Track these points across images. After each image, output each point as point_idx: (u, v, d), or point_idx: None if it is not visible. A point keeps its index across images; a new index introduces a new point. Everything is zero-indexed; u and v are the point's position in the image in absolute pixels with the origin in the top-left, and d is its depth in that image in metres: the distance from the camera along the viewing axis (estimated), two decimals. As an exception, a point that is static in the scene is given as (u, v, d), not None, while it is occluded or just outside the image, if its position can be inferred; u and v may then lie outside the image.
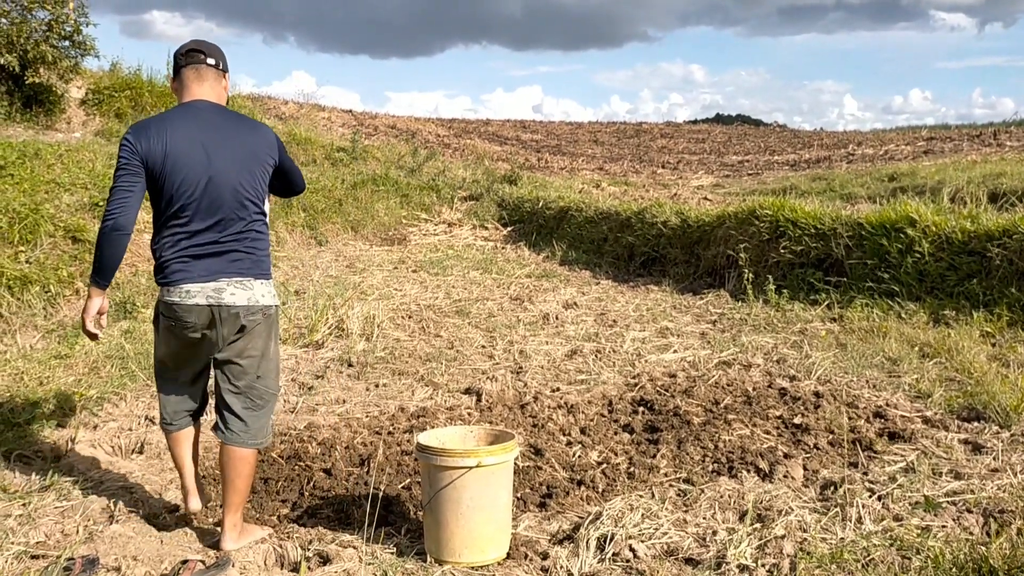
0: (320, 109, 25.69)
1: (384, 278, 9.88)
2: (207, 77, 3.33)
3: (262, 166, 3.33)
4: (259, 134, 3.37)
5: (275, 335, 3.44)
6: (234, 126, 3.31)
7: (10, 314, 6.78)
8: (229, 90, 3.49)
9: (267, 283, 3.37)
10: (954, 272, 7.19)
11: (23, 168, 9.29)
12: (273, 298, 3.39)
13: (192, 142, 3.19)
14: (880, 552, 3.08)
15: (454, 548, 3.18)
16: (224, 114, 3.32)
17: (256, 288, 3.31)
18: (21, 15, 12.90)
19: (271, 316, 3.39)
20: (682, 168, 25.63)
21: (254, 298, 3.29)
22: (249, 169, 3.28)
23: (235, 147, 3.26)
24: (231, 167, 3.23)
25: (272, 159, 3.38)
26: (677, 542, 3.26)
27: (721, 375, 5.72)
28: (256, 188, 3.31)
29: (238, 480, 3.36)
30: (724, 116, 66.06)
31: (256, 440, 3.39)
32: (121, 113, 14.95)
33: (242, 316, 3.27)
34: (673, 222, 10.72)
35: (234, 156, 3.25)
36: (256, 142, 3.33)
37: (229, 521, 3.33)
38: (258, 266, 3.33)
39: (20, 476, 4.04)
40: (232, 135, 3.27)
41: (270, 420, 3.47)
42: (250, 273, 3.30)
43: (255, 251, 3.32)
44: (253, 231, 3.32)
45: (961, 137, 26.10)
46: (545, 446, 4.46)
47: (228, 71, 3.44)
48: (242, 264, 3.28)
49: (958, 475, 3.84)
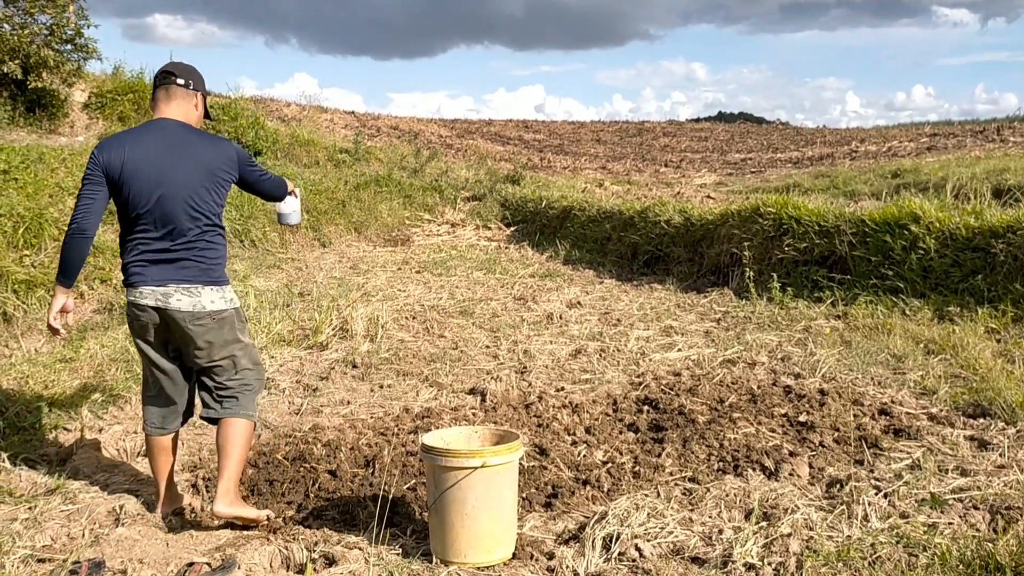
0: (323, 111, 25.71)
1: (388, 279, 9.89)
2: (175, 96, 3.60)
3: (216, 181, 3.55)
4: (217, 150, 3.58)
5: (239, 330, 3.68)
6: (193, 142, 3.53)
7: (15, 317, 6.80)
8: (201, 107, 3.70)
9: (217, 289, 3.57)
10: (958, 268, 7.17)
11: (27, 172, 9.31)
12: (225, 302, 3.59)
13: (148, 157, 3.45)
14: (887, 550, 3.07)
15: (460, 549, 3.18)
16: (185, 131, 3.55)
17: (204, 295, 3.51)
18: (23, 19, 12.92)
19: (225, 319, 3.59)
20: (685, 167, 25.61)
21: (200, 304, 3.50)
22: (202, 183, 3.50)
23: (190, 162, 3.48)
24: (183, 180, 3.46)
25: (230, 174, 3.61)
26: (683, 541, 3.26)
27: (726, 373, 5.71)
28: (207, 201, 3.52)
29: (229, 446, 3.56)
30: (726, 114, 66.04)
31: (247, 411, 3.65)
32: (124, 116, 14.98)
33: (187, 321, 3.49)
34: (676, 221, 10.71)
35: (187, 171, 3.47)
36: (212, 158, 3.54)
37: (222, 487, 3.48)
38: (207, 274, 3.54)
39: (26, 480, 4.05)
40: (189, 151, 3.50)
41: (257, 402, 3.76)
42: (197, 280, 3.51)
43: (204, 259, 3.53)
44: (204, 240, 3.53)
45: (964, 133, 26.05)
46: (550, 446, 4.46)
47: (202, 90, 3.69)
48: (189, 272, 3.50)
49: (964, 472, 3.83)
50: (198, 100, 3.66)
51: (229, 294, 3.63)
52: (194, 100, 3.64)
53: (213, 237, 3.57)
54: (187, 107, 3.62)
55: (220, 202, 3.59)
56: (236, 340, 3.65)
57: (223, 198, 3.61)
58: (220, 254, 3.61)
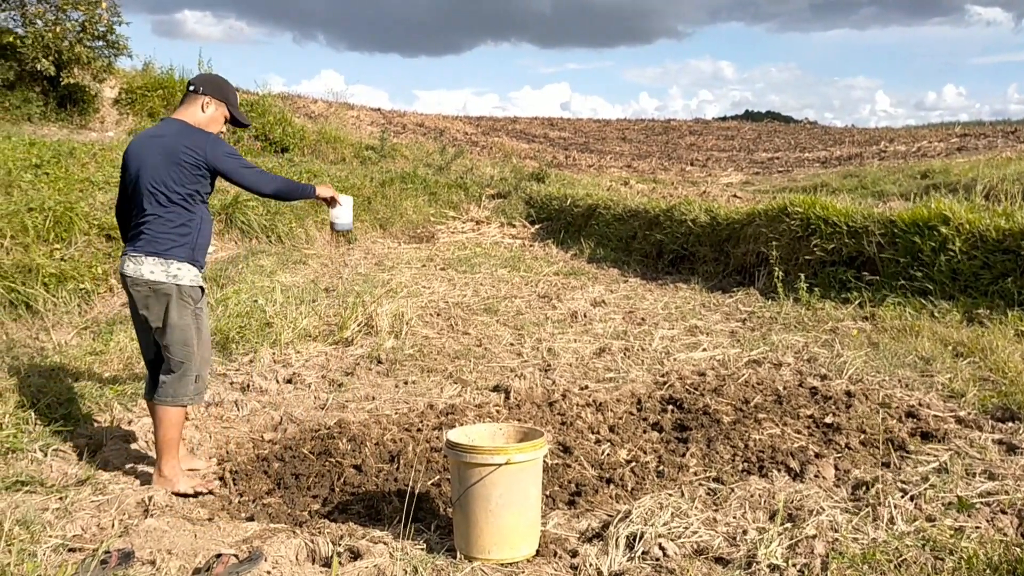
0: (349, 108, 25.83)
1: (413, 276, 9.92)
2: (186, 100, 4.07)
3: (178, 164, 3.84)
4: (186, 137, 3.88)
5: (177, 310, 3.91)
6: (171, 133, 3.92)
7: (46, 311, 6.89)
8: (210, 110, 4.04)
9: (160, 261, 3.86)
10: (988, 270, 7.10)
11: (58, 167, 9.44)
12: (166, 276, 3.87)
13: (137, 147, 3.95)
14: (912, 553, 3.05)
15: (484, 545, 3.19)
16: (176, 125, 3.96)
17: (145, 264, 3.86)
18: (56, 16, 13.09)
19: (160, 291, 3.87)
20: (711, 165, 25.49)
21: (139, 271, 3.86)
22: (162, 165, 3.84)
23: (159, 148, 3.87)
24: (150, 163, 3.85)
25: (194, 158, 3.85)
26: (707, 541, 3.25)
27: (751, 374, 5.69)
28: (164, 181, 3.85)
29: (156, 431, 4.01)
30: (754, 113, 65.60)
31: (163, 398, 3.94)
32: (154, 112, 15.14)
33: (129, 286, 3.91)
34: (702, 220, 10.67)
35: (155, 155, 3.86)
36: (177, 143, 3.85)
37: (156, 465, 4.00)
38: (151, 244, 3.86)
39: (57, 470, 4.11)
40: (164, 140, 3.89)
41: (186, 387, 3.97)
42: (142, 250, 3.87)
43: (152, 232, 3.87)
44: (157, 216, 3.86)
45: (995, 134, 25.74)
46: (574, 444, 4.47)
47: (212, 94, 4.05)
48: (139, 243, 3.89)
49: (992, 476, 3.79)
50: (205, 102, 4.02)
51: (174, 269, 3.88)
52: (200, 100, 4.01)
53: (168, 214, 3.86)
54: (193, 108, 4.02)
55: (181, 183, 3.86)
56: (172, 319, 3.89)
57: (187, 180, 3.87)
58: (171, 229, 3.88)
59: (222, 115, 4.09)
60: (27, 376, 5.38)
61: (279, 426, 4.92)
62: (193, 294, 3.95)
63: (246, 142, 15.95)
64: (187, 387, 3.97)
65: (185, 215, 3.91)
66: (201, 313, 4.02)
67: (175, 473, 3.96)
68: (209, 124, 4.03)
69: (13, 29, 13.12)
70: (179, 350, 3.94)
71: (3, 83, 12.98)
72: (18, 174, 8.69)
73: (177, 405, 3.96)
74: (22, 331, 6.63)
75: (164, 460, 3.95)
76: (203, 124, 4.00)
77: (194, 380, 4.00)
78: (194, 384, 4.00)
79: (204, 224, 4.01)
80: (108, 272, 7.79)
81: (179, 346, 3.94)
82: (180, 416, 4.01)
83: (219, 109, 4.06)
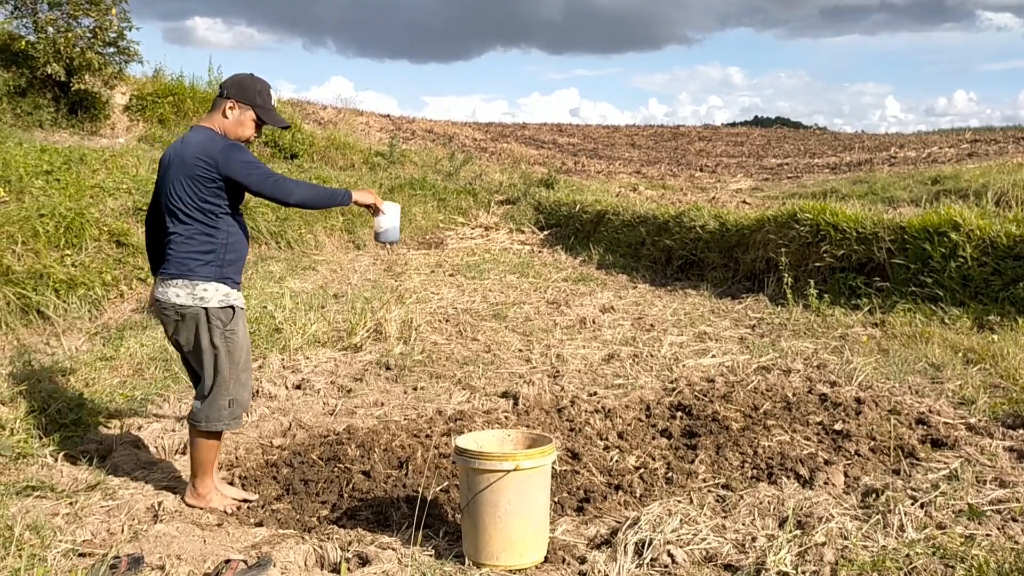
0: (358, 114, 25.88)
1: (421, 281, 9.94)
2: (213, 105, 3.85)
3: (191, 175, 3.62)
4: (200, 148, 3.64)
5: (207, 333, 3.73)
6: (192, 143, 3.68)
7: (56, 316, 6.92)
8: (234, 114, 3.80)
9: (184, 283, 3.68)
10: (999, 277, 7.07)
11: (69, 173, 9.48)
12: (191, 299, 3.68)
13: (165, 158, 3.77)
14: (923, 560, 3.04)
15: (492, 551, 3.19)
16: (199, 134, 3.73)
17: (171, 287, 3.69)
18: (67, 22, 13.17)
19: (188, 315, 3.70)
20: (720, 171, 25.45)
21: (167, 295, 3.70)
22: (178, 178, 3.65)
23: (178, 162, 3.67)
24: (169, 176, 3.68)
25: (206, 168, 3.61)
26: (716, 548, 3.25)
27: (760, 380, 5.67)
28: (180, 196, 3.65)
29: (190, 451, 3.90)
30: (763, 119, 65.52)
31: (196, 421, 3.79)
32: (164, 119, 15.20)
33: (157, 311, 3.79)
34: (711, 226, 10.65)
35: (173, 169, 3.67)
36: (191, 155, 3.63)
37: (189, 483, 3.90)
38: (175, 266, 3.69)
39: (67, 475, 4.12)
40: (183, 151, 3.68)
41: (219, 411, 3.79)
42: (167, 273, 3.71)
43: (175, 252, 3.69)
44: (178, 235, 3.68)
45: (1006, 139, 25.64)
46: (582, 450, 4.46)
47: (237, 96, 3.78)
48: (165, 265, 3.74)
49: (1003, 483, 3.77)
50: (228, 106, 3.76)
51: (200, 291, 3.67)
52: (223, 105, 3.77)
53: (189, 232, 3.67)
54: (216, 113, 3.80)
55: (197, 198, 3.64)
56: (201, 342, 3.73)
57: (203, 194, 3.64)
58: (194, 248, 3.67)
59: (250, 118, 3.80)
60: (38, 382, 5.41)
61: (288, 432, 4.93)
62: (222, 316, 3.72)
63: (255, 148, 16.01)
64: (220, 411, 3.78)
65: (207, 231, 3.68)
66: (233, 335, 3.76)
67: (209, 491, 3.85)
68: (236, 129, 3.78)
69: (25, 36, 13.21)
70: (209, 374, 3.77)
71: (14, 89, 13.06)
72: (29, 180, 8.74)
73: (210, 430, 3.79)
74: (33, 337, 6.66)
75: (198, 479, 3.85)
76: (229, 130, 3.76)
77: (227, 404, 3.79)
78: (227, 409, 3.79)
79: (232, 238, 3.75)
80: (118, 278, 7.82)
81: (209, 370, 3.76)
82: (217, 442, 3.88)
83: (244, 112, 3.78)
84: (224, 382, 3.78)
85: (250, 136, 3.85)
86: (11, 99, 12.99)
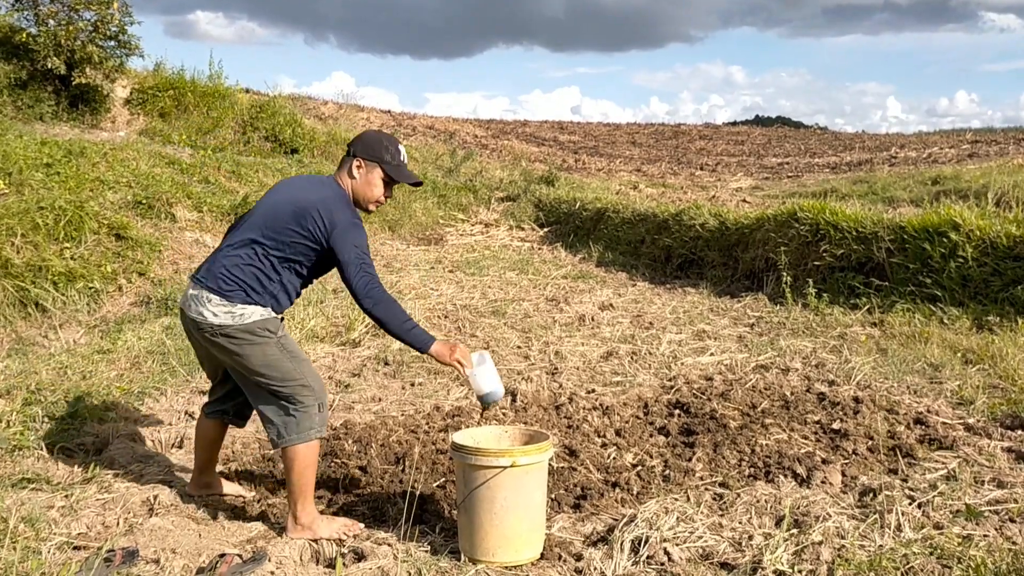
0: (359, 109, 25.87)
1: (421, 278, 9.93)
2: (342, 163, 3.64)
3: (302, 218, 3.39)
4: (328, 200, 3.44)
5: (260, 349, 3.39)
6: (320, 188, 3.52)
7: (55, 309, 6.92)
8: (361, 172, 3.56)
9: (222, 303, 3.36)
10: (998, 277, 7.06)
11: (69, 166, 9.47)
12: (231, 318, 3.35)
13: (287, 185, 3.64)
14: (920, 560, 3.03)
15: (488, 548, 3.18)
16: (330, 188, 3.54)
17: (209, 305, 3.37)
18: (68, 16, 13.16)
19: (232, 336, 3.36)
20: (720, 170, 25.44)
21: (202, 314, 3.38)
22: (287, 211, 3.41)
23: (291, 196, 3.49)
24: (277, 201, 3.48)
25: (316, 227, 3.38)
26: (712, 546, 3.24)
27: (758, 379, 5.66)
28: (276, 228, 3.40)
29: (287, 475, 3.48)
30: (764, 118, 65.52)
31: (289, 440, 3.42)
32: (165, 113, 15.20)
33: (190, 329, 3.49)
34: (711, 224, 10.64)
35: (284, 200, 3.47)
36: (317, 198, 3.44)
37: (289, 512, 3.49)
38: (219, 280, 3.38)
39: (63, 468, 4.11)
40: (302, 189, 3.53)
41: (311, 419, 3.45)
42: (205, 286, 3.40)
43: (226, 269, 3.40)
44: (240, 257, 3.41)
45: (1007, 140, 25.64)
46: (580, 447, 4.45)
47: (362, 155, 3.55)
48: (206, 274, 3.45)
49: (1001, 483, 3.76)
50: (356, 164, 3.54)
51: (239, 309, 3.36)
52: (351, 164, 3.55)
53: (255, 262, 3.41)
54: (343, 171, 3.58)
55: (291, 240, 3.40)
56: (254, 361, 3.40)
57: (298, 242, 3.41)
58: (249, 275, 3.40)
59: (378, 176, 3.55)
60: (35, 374, 5.40)
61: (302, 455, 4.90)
62: (270, 326, 3.41)
63: (255, 143, 15.99)
64: (312, 419, 3.44)
65: (270, 274, 3.43)
66: (286, 340, 3.47)
67: (313, 519, 3.45)
68: (364, 189, 3.55)
69: (26, 28, 13.20)
70: (283, 388, 3.41)
71: (15, 82, 13.05)
72: (29, 173, 8.73)
73: (307, 441, 3.43)
74: (31, 329, 6.65)
75: (300, 506, 3.43)
76: (358, 190, 3.55)
77: (317, 410, 3.46)
78: (319, 414, 3.47)
79: (286, 291, 3.52)
80: (117, 271, 7.81)
81: (278, 383, 3.41)
82: (314, 454, 3.48)
83: (372, 171, 3.54)
84: (302, 390, 3.44)
85: (379, 196, 3.61)
86: (12, 92, 12.99)
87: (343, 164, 3.60)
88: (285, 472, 3.49)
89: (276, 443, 3.46)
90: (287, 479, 3.47)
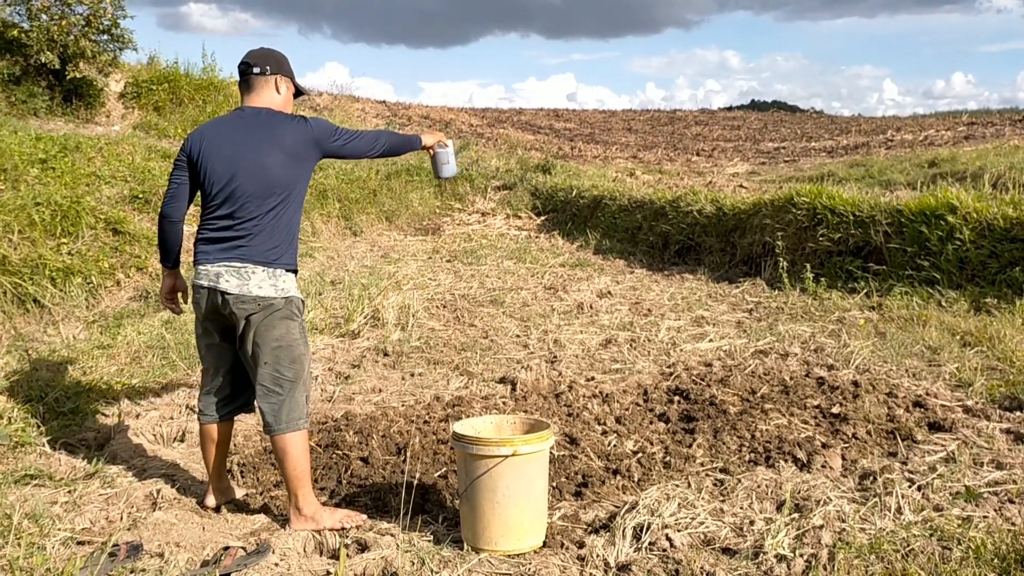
0: (354, 100, 25.78)
1: (418, 268, 9.93)
2: (254, 85, 3.59)
3: (295, 158, 3.49)
4: (294, 130, 3.50)
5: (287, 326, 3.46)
6: (270, 124, 3.50)
7: (53, 305, 6.91)
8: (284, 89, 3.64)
9: (268, 272, 3.42)
10: (996, 259, 7.07)
11: (64, 161, 9.45)
12: (275, 290, 3.41)
13: (224, 140, 3.48)
14: (920, 542, 3.05)
15: (491, 536, 3.19)
16: (264, 114, 3.53)
17: (253, 277, 3.40)
18: (60, 10, 13.11)
19: (271, 309, 3.41)
20: (717, 156, 25.41)
21: (246, 288, 3.38)
22: (276, 163, 3.44)
23: (264, 143, 3.45)
24: (256, 161, 3.43)
25: (309, 152, 3.53)
26: (714, 532, 3.25)
27: (758, 364, 5.68)
28: (284, 182, 3.46)
29: (281, 465, 3.51)
30: (760, 103, 65.37)
31: (281, 428, 3.46)
32: (160, 106, 15.14)
33: (231, 304, 3.39)
34: (708, 210, 10.64)
35: (261, 151, 3.44)
36: (289, 138, 3.48)
37: (291, 504, 3.49)
38: (258, 253, 3.42)
39: (65, 464, 4.13)
40: (264, 133, 3.47)
41: (301, 407, 3.50)
42: (248, 259, 3.41)
43: (255, 240, 3.42)
44: (265, 220, 3.43)
45: (1003, 122, 25.60)
46: (580, 435, 4.47)
47: (280, 72, 3.61)
48: (239, 250, 3.42)
49: (1000, 465, 3.78)
50: (278, 82, 3.60)
51: (282, 282, 3.45)
52: (272, 84, 3.59)
53: (283, 215, 3.47)
54: (267, 92, 3.58)
55: (299, 179, 3.52)
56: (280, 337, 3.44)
57: (304, 175, 3.55)
58: (280, 234, 3.47)
59: (291, 93, 3.68)
60: (35, 370, 5.40)
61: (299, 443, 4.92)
62: (301, 306, 3.56)
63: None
64: (301, 408, 3.50)
65: (296, 216, 3.54)
66: (304, 325, 3.59)
67: (316, 509, 3.47)
68: (286, 106, 3.64)
69: (18, 23, 13.14)
70: (288, 369, 3.47)
71: (9, 78, 13.01)
72: (24, 168, 8.71)
73: (298, 429, 3.48)
74: (30, 325, 6.66)
75: (300, 496, 3.46)
76: (281, 106, 3.61)
77: (305, 400, 3.54)
78: (305, 405, 3.54)
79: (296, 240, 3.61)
80: (115, 266, 7.80)
81: (287, 364, 3.46)
82: (306, 443, 3.54)
83: (289, 88, 3.66)
84: (301, 376, 3.52)
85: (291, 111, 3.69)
86: (5, 87, 12.95)
87: (260, 86, 3.57)
88: (280, 465, 3.51)
89: (272, 429, 3.48)
90: (284, 471, 3.50)
